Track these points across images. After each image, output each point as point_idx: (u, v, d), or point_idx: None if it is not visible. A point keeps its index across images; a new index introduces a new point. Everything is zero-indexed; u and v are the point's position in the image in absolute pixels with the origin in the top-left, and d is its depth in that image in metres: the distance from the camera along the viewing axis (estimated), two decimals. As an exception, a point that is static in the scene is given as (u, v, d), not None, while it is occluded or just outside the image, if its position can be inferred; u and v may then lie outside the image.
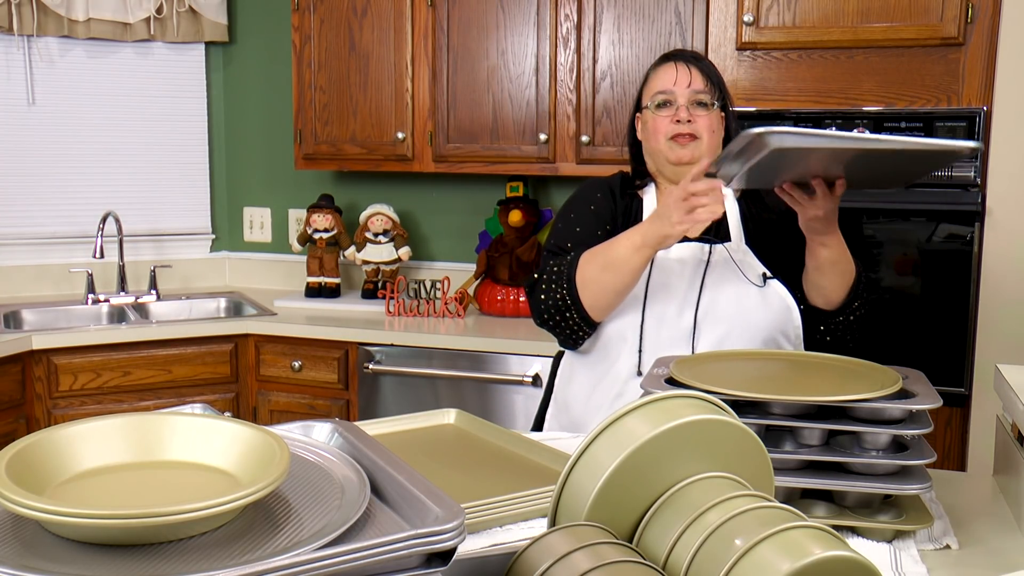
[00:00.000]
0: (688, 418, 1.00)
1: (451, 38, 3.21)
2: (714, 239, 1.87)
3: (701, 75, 1.88)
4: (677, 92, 1.87)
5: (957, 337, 2.48)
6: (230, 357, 3.22)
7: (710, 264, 1.86)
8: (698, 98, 1.87)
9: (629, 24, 3.01)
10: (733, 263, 1.85)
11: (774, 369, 1.50)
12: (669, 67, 1.90)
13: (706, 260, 1.86)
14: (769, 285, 1.83)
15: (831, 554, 0.85)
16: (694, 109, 1.86)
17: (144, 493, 0.93)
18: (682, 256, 1.87)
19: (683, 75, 1.88)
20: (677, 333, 1.83)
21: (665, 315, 1.84)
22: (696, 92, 1.87)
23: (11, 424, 2.90)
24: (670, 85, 1.87)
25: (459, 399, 2.97)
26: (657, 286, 1.86)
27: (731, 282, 1.84)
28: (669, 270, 1.87)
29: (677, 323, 1.83)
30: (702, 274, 1.85)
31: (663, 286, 1.86)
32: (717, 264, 1.86)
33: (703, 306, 1.82)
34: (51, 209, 3.65)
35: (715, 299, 1.83)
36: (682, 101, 1.86)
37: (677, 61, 1.90)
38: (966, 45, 2.47)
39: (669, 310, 1.84)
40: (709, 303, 1.82)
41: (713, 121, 1.87)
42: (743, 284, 1.83)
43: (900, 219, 2.50)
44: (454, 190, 3.65)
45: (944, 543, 1.31)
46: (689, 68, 1.88)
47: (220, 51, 3.88)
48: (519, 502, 1.35)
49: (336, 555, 0.81)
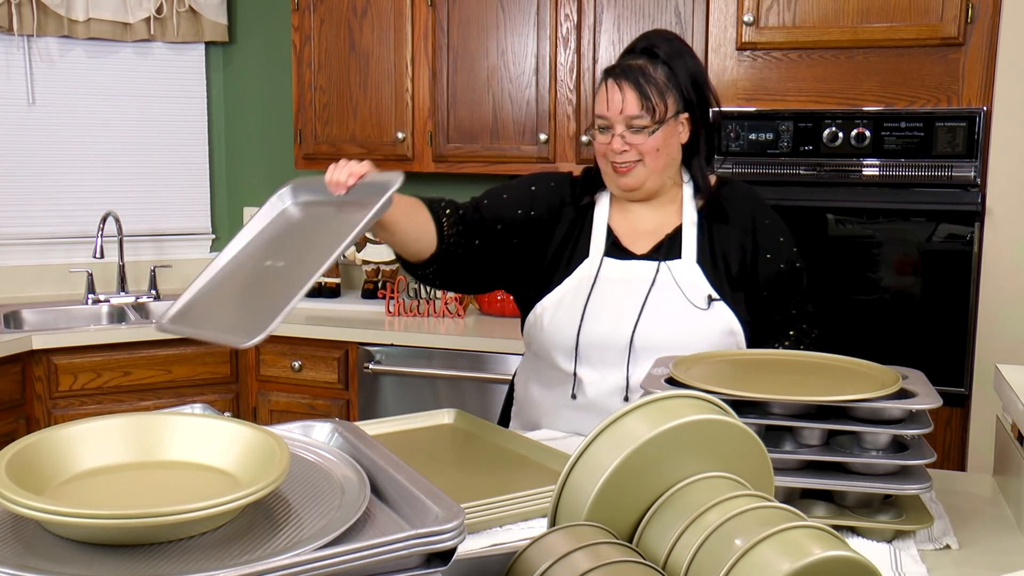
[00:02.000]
0: (688, 418, 1.00)
1: (451, 38, 3.21)
2: (664, 257, 1.80)
3: (637, 97, 1.74)
4: (612, 119, 1.76)
5: (957, 337, 2.48)
6: (230, 357, 3.22)
7: (655, 284, 1.78)
8: (633, 124, 1.75)
9: (629, 24, 3.01)
10: (677, 285, 1.77)
11: (774, 369, 1.50)
12: (606, 87, 1.78)
13: (651, 280, 1.79)
14: (713, 308, 1.76)
15: (831, 554, 0.85)
16: (631, 136, 1.75)
17: (144, 493, 0.93)
18: (627, 275, 1.80)
19: (615, 100, 1.75)
20: (611, 353, 1.77)
21: (600, 334, 1.77)
22: (630, 118, 1.75)
23: (11, 424, 2.90)
24: (604, 109, 1.77)
25: (459, 399, 2.97)
26: (597, 303, 1.79)
27: (673, 304, 1.76)
28: (612, 288, 1.80)
29: (611, 343, 1.77)
30: (644, 294, 1.77)
31: (602, 304, 1.79)
32: (662, 284, 1.78)
33: (640, 328, 1.75)
34: (51, 209, 3.64)
35: (653, 322, 1.75)
36: (618, 129, 1.76)
37: (615, 79, 1.76)
38: (966, 45, 2.47)
39: (604, 328, 1.77)
40: (647, 326, 1.75)
41: (656, 142, 1.75)
42: (686, 307, 1.76)
43: (900, 219, 2.50)
44: (454, 190, 3.64)
45: (944, 543, 1.31)
46: (624, 91, 1.74)
47: (220, 51, 3.88)
48: (519, 502, 1.35)
49: (336, 555, 0.81)
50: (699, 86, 1.80)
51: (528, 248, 1.86)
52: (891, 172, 2.52)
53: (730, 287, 1.79)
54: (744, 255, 1.81)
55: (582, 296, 1.80)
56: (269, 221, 1.64)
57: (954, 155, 2.47)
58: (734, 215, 1.83)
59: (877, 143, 2.53)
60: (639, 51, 1.80)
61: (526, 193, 1.89)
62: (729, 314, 1.77)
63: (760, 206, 1.87)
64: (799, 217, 2.56)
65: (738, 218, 1.83)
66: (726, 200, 1.84)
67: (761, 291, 1.82)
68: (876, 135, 2.52)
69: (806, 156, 2.59)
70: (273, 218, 1.65)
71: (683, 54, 1.80)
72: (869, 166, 2.54)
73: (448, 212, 1.82)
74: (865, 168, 2.54)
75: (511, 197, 1.88)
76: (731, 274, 1.80)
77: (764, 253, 1.82)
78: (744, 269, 1.81)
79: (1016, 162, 2.44)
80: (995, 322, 2.46)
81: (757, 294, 1.82)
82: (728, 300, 1.78)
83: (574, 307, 1.80)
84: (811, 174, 2.59)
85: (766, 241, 1.83)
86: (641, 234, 1.84)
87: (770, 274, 1.82)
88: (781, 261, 1.83)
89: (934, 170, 2.49)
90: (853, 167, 2.55)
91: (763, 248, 1.82)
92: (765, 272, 1.82)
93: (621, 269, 1.81)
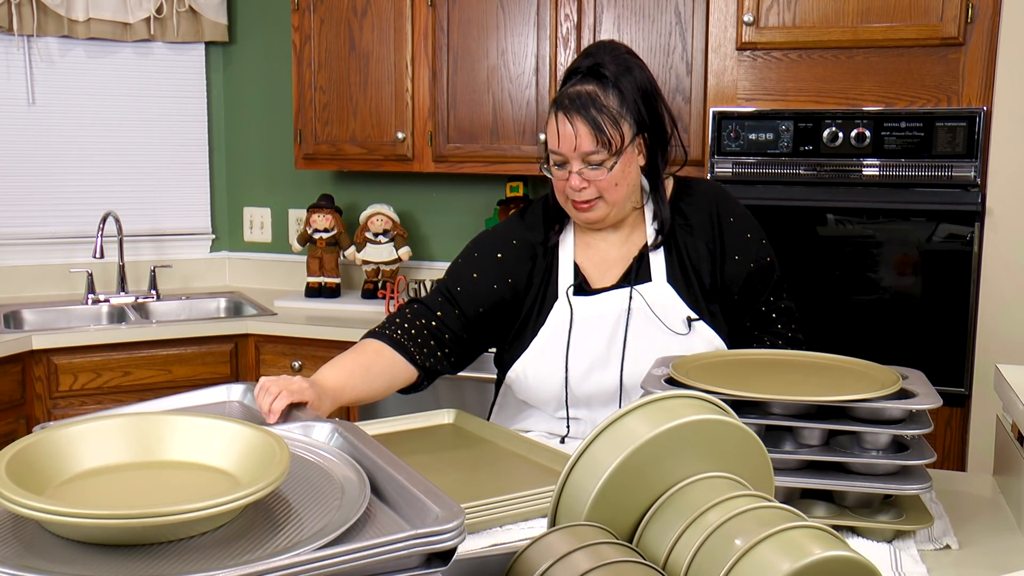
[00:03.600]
0: (688, 418, 1.00)
1: (451, 38, 3.21)
2: (633, 283, 1.73)
3: (590, 132, 1.64)
4: (566, 155, 1.67)
5: (957, 337, 2.48)
6: (230, 357, 3.22)
7: (631, 314, 1.72)
8: (590, 160, 1.66)
9: (629, 24, 3.01)
10: (652, 313, 1.71)
11: (774, 369, 1.50)
12: (559, 123, 1.67)
13: (627, 310, 1.72)
14: (694, 329, 1.70)
15: (831, 554, 0.85)
16: (588, 171, 1.66)
17: (144, 493, 0.93)
18: (601, 311, 1.73)
19: (567, 135, 1.65)
20: (603, 396, 1.72)
21: (587, 383, 1.72)
22: (585, 154, 1.65)
23: (11, 424, 2.90)
24: (556, 145, 1.67)
25: (459, 399, 2.96)
26: (577, 346, 1.72)
27: (653, 334, 1.71)
28: (589, 328, 1.73)
29: (601, 387, 1.71)
30: (624, 330, 1.71)
31: (583, 350, 1.72)
32: (638, 314, 1.72)
33: (627, 368, 1.69)
34: (51, 209, 3.64)
35: (638, 358, 1.69)
36: (574, 166, 1.67)
37: (566, 113, 1.65)
38: (966, 45, 2.47)
39: (591, 377, 1.71)
40: (632, 364, 1.69)
41: (615, 176, 1.67)
42: (665, 336, 1.70)
43: (900, 219, 2.50)
44: (454, 190, 3.64)
45: (944, 543, 1.31)
46: (575, 125, 1.64)
47: (220, 51, 3.88)
48: (519, 502, 1.35)
49: (336, 555, 0.81)
50: (649, 100, 1.70)
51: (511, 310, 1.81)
52: (891, 172, 2.52)
53: (705, 301, 1.74)
54: (713, 262, 1.75)
55: (561, 345, 1.73)
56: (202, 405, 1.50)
57: (954, 155, 2.47)
58: (697, 221, 1.77)
59: (877, 143, 2.53)
60: (585, 71, 1.70)
61: (494, 265, 1.80)
62: (710, 332, 1.72)
63: (723, 204, 1.80)
64: (799, 217, 2.57)
65: (702, 225, 1.76)
66: (687, 206, 1.78)
67: (732, 295, 1.76)
68: (876, 135, 2.53)
69: (806, 156, 2.59)
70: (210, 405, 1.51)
71: (631, 69, 1.69)
72: (869, 166, 2.54)
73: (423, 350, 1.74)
74: (865, 168, 2.55)
75: (481, 275, 1.80)
76: (704, 287, 1.74)
77: (731, 255, 1.75)
78: (715, 279, 1.75)
79: (1016, 162, 2.44)
80: (995, 322, 2.46)
81: (729, 299, 1.76)
82: (705, 317, 1.73)
83: (555, 359, 1.73)
84: (811, 174, 2.59)
85: (732, 241, 1.76)
86: (610, 264, 1.78)
87: (739, 276, 1.75)
88: (751, 260, 1.76)
89: (934, 170, 2.49)
90: (853, 167, 2.55)
91: (730, 249, 1.75)
92: (733, 274, 1.75)
93: (594, 306, 1.74)
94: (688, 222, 1.77)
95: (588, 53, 1.74)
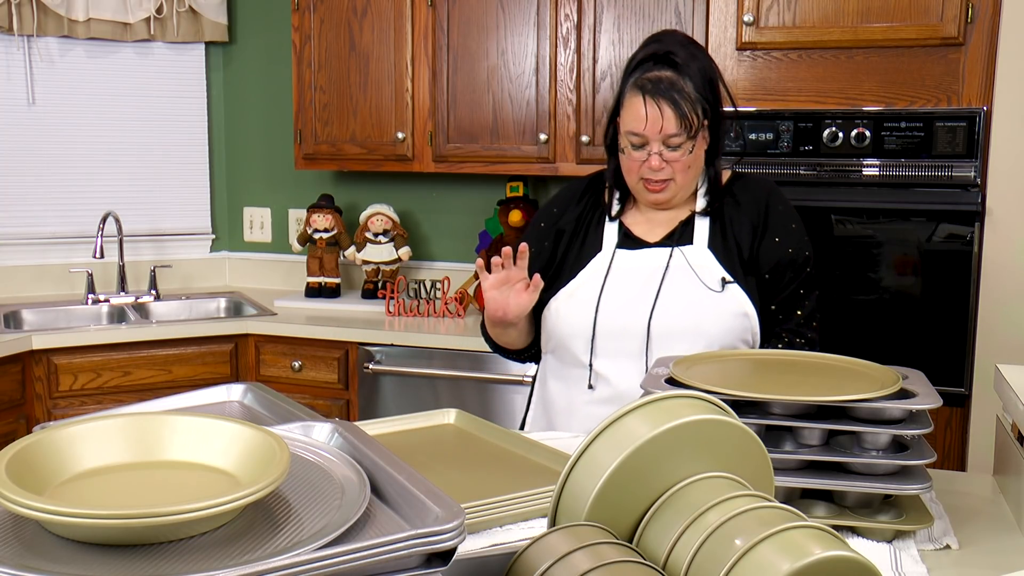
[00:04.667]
0: (688, 418, 1.00)
1: (451, 38, 3.21)
2: (676, 243, 1.83)
3: (675, 115, 1.74)
4: (649, 136, 1.76)
5: (957, 337, 2.48)
6: (230, 357, 3.22)
7: (668, 269, 1.81)
8: (671, 142, 1.76)
9: (629, 24, 3.01)
10: (691, 269, 1.80)
11: (774, 369, 1.50)
12: (643, 105, 1.75)
13: (665, 266, 1.81)
14: (727, 290, 1.78)
15: (831, 554, 0.85)
16: (667, 153, 1.77)
17: (144, 493, 0.92)
18: (640, 263, 1.83)
19: (654, 118, 1.74)
20: (629, 342, 1.79)
21: (616, 323, 1.79)
22: (668, 136, 1.75)
23: (11, 424, 2.90)
24: (641, 128, 1.76)
25: (459, 399, 2.97)
26: (611, 293, 1.81)
27: (688, 289, 1.78)
28: (625, 278, 1.82)
29: (629, 331, 1.79)
30: (659, 281, 1.80)
31: (617, 294, 1.81)
32: (675, 270, 1.81)
33: (656, 316, 1.77)
34: (51, 209, 3.64)
35: (668, 308, 1.77)
36: (655, 148, 1.76)
37: (652, 96, 1.75)
38: (966, 45, 2.47)
39: (620, 318, 1.79)
40: (662, 312, 1.77)
41: (689, 159, 1.78)
42: (700, 290, 1.78)
43: (900, 219, 2.50)
44: (454, 190, 3.64)
45: (944, 543, 1.31)
46: (662, 109, 1.74)
47: (220, 51, 3.88)
48: (519, 502, 1.35)
49: (336, 555, 0.81)
50: (713, 86, 1.80)
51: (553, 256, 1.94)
52: (891, 172, 2.52)
53: (743, 271, 1.81)
54: (754, 236, 1.83)
55: (596, 287, 1.83)
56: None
57: (954, 155, 2.47)
58: (746, 200, 1.86)
59: (877, 143, 2.53)
60: (658, 58, 1.79)
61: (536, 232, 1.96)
62: (743, 296, 1.79)
63: (776, 195, 1.89)
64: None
65: (750, 203, 1.86)
66: (739, 189, 1.88)
67: (762, 274, 1.82)
68: (876, 135, 2.52)
69: (806, 156, 2.59)
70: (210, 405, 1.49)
71: (697, 56, 1.80)
72: (869, 166, 2.54)
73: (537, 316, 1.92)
74: (865, 168, 2.55)
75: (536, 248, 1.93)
76: (743, 258, 1.82)
77: (772, 236, 1.83)
78: (753, 252, 1.82)
79: (1016, 162, 2.44)
80: (995, 322, 2.46)
81: (758, 274, 1.82)
82: (741, 283, 1.80)
83: (588, 298, 1.82)
84: (811, 174, 2.59)
85: (777, 224, 1.84)
86: (655, 224, 1.87)
87: (773, 258, 1.82)
88: (790, 247, 1.83)
89: (934, 170, 2.49)
90: (853, 167, 2.55)
91: (772, 231, 1.83)
92: (769, 254, 1.82)
93: (634, 259, 1.84)
94: (737, 200, 1.86)
95: (656, 40, 1.84)
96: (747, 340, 1.81)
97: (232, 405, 1.50)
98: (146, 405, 1.45)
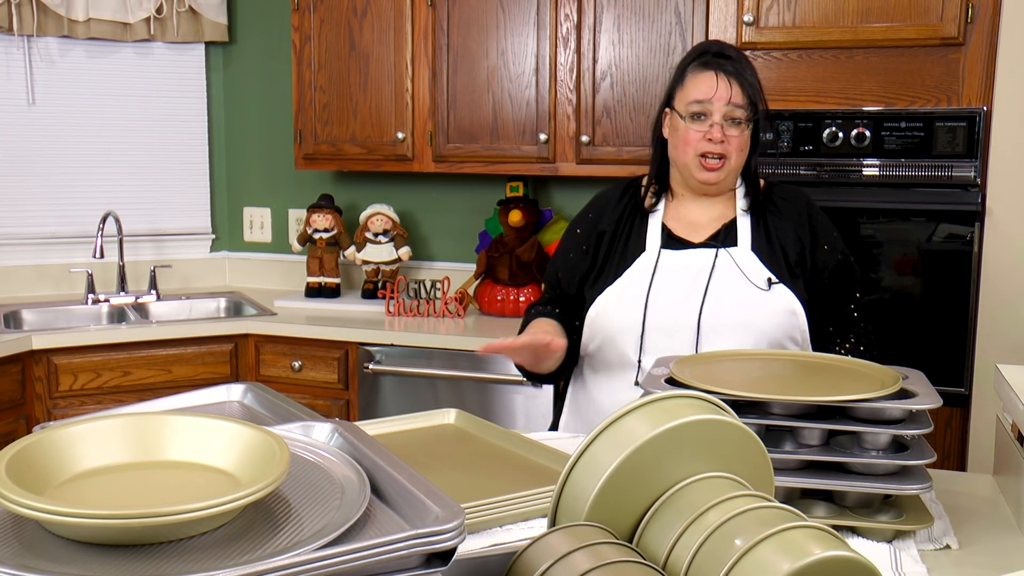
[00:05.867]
0: (688, 418, 1.00)
1: (451, 38, 3.21)
2: (721, 244, 1.85)
3: (741, 90, 1.80)
4: (714, 106, 1.80)
5: (957, 337, 2.48)
6: (230, 357, 3.22)
7: (715, 269, 1.83)
8: (734, 115, 1.80)
9: (629, 24, 3.01)
10: (738, 268, 1.83)
11: (774, 369, 1.50)
12: (710, 76, 1.81)
13: (711, 266, 1.83)
14: (774, 289, 1.81)
15: (831, 554, 0.85)
16: (728, 127, 1.80)
17: (144, 493, 0.92)
18: (687, 262, 1.85)
19: (723, 88, 1.80)
20: (679, 340, 1.80)
21: (666, 318, 1.81)
22: (734, 107, 1.80)
23: (11, 424, 2.90)
24: (709, 95, 1.80)
25: (459, 399, 2.97)
26: (659, 292, 1.83)
27: (736, 286, 1.81)
28: (673, 275, 1.84)
29: (679, 329, 1.80)
30: (706, 279, 1.82)
31: (666, 290, 1.83)
32: (722, 269, 1.83)
33: (706, 311, 1.79)
34: (51, 209, 3.64)
35: (718, 304, 1.79)
36: (717, 118, 1.80)
37: (719, 71, 1.81)
38: (966, 45, 2.47)
39: (671, 313, 1.81)
40: (712, 308, 1.79)
41: (743, 140, 1.83)
42: (748, 288, 1.81)
43: (900, 219, 2.50)
44: (454, 190, 3.64)
45: (944, 543, 1.31)
46: (730, 81, 1.80)
47: (220, 51, 3.88)
48: (519, 502, 1.35)
49: (336, 555, 0.81)
50: (760, 87, 1.87)
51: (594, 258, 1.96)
52: (891, 172, 2.52)
53: (789, 274, 1.84)
54: (802, 246, 1.86)
55: (643, 284, 1.84)
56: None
57: (954, 155, 2.47)
58: (787, 209, 1.89)
59: (877, 143, 2.53)
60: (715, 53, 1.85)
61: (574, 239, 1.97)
62: (790, 295, 1.81)
63: (813, 204, 1.93)
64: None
65: (791, 212, 1.89)
66: (778, 198, 1.91)
67: (822, 279, 1.86)
68: (876, 135, 2.52)
69: (806, 156, 2.59)
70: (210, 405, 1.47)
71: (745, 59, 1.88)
72: (869, 166, 2.54)
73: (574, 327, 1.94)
74: (865, 168, 2.55)
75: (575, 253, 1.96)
76: (789, 262, 1.85)
77: (822, 244, 1.87)
78: (803, 259, 1.85)
79: (1016, 162, 2.44)
80: (995, 322, 2.46)
81: (818, 282, 1.86)
82: (788, 284, 1.82)
83: (637, 294, 1.84)
84: (811, 174, 2.59)
85: (822, 232, 1.89)
86: (697, 226, 1.90)
87: (831, 263, 1.86)
88: (839, 252, 1.89)
89: (934, 170, 2.49)
90: (853, 167, 2.55)
91: (820, 239, 1.88)
92: (825, 261, 1.87)
93: (680, 258, 1.86)
94: (777, 208, 1.90)
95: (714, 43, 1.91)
96: (795, 338, 1.83)
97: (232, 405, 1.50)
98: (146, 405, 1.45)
